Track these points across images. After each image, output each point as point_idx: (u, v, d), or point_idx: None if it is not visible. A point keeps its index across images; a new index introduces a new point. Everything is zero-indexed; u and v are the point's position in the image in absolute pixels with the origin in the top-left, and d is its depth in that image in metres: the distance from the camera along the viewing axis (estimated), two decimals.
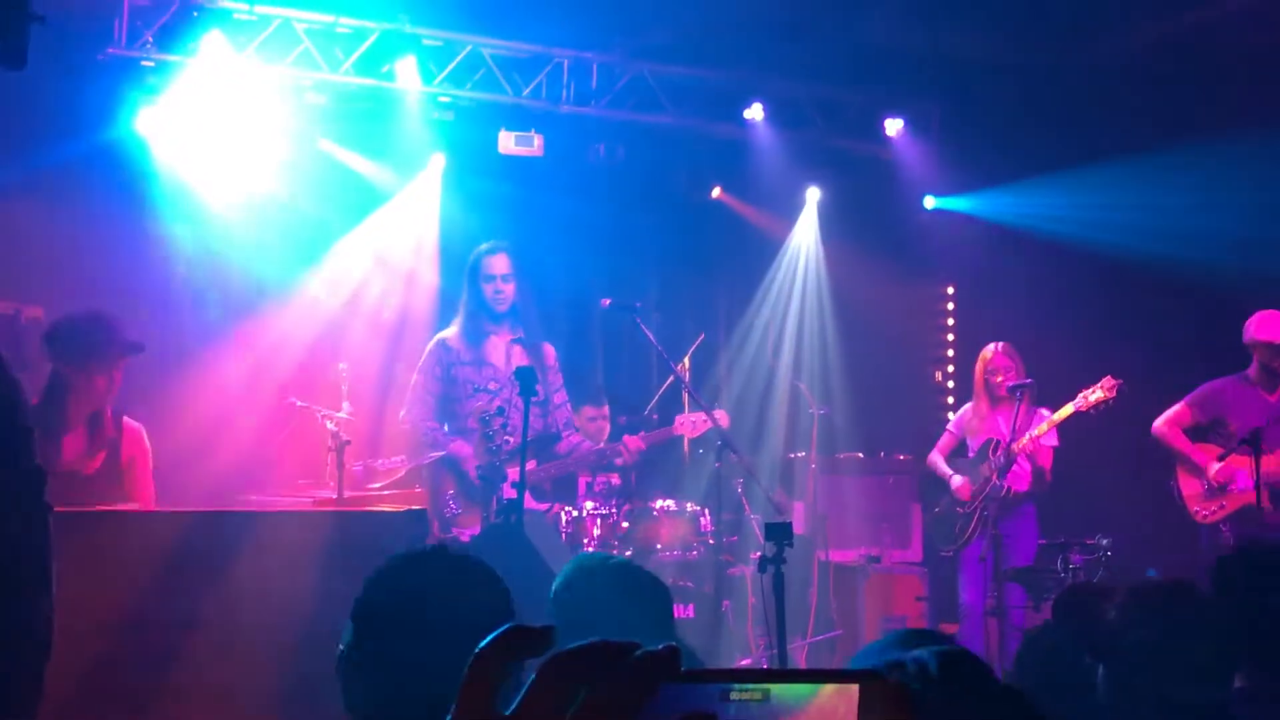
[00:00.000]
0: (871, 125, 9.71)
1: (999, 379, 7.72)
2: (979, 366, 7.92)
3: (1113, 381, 7.33)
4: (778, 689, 0.92)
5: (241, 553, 4.33)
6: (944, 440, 8.16)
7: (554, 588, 3.22)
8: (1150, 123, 8.62)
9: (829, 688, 0.92)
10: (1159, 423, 7.42)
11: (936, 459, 8.10)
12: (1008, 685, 1.26)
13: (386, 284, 9.08)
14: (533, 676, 0.85)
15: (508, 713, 0.84)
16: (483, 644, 0.86)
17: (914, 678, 1.18)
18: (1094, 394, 7.34)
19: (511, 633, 0.87)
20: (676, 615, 4.56)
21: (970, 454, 7.94)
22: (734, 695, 0.90)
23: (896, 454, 9.22)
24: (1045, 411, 7.66)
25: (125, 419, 5.43)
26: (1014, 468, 7.50)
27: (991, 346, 7.87)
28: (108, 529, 4.34)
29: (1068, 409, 7.42)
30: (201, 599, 4.18)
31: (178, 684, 3.99)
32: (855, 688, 0.92)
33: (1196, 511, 7.24)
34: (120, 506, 5.15)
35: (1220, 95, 8.41)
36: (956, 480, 7.82)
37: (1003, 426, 7.56)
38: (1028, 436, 7.47)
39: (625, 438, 7.16)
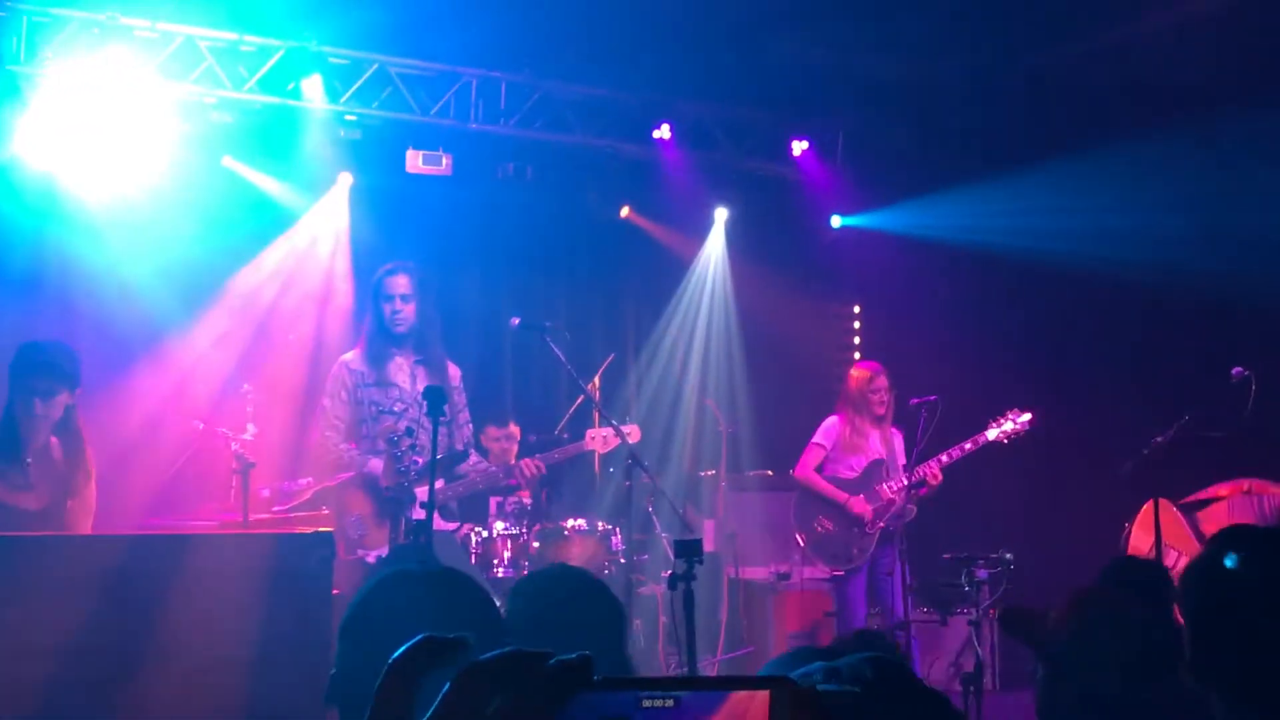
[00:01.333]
0: (778, 146, 9.82)
1: (879, 397, 7.82)
2: (858, 384, 7.97)
3: (1023, 414, 7.50)
4: (690, 695, 0.94)
5: (148, 576, 4.26)
6: (814, 455, 8.10)
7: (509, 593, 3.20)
8: (1056, 136, 8.77)
9: (740, 694, 0.94)
10: None
11: (814, 477, 8.03)
12: (936, 691, 1.29)
13: (294, 304, 8.97)
14: (447, 686, 0.86)
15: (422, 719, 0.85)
16: (395, 655, 0.87)
17: (849, 682, 1.20)
18: (1007, 424, 7.51)
19: (424, 643, 0.88)
20: None
21: (842, 470, 7.95)
22: (646, 703, 0.92)
23: None
24: (897, 431, 7.81)
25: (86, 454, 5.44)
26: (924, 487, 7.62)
27: (869, 365, 8.01)
28: (16, 553, 4.24)
29: (983, 437, 7.56)
30: (107, 622, 4.09)
31: (89, 707, 3.91)
32: (765, 693, 0.94)
33: None
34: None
35: (1125, 109, 8.59)
36: (855, 503, 7.83)
37: (880, 446, 7.69)
38: (945, 459, 7.59)
39: (522, 461, 7.16)
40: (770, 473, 9.30)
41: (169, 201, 8.19)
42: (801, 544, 8.06)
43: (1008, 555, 6.90)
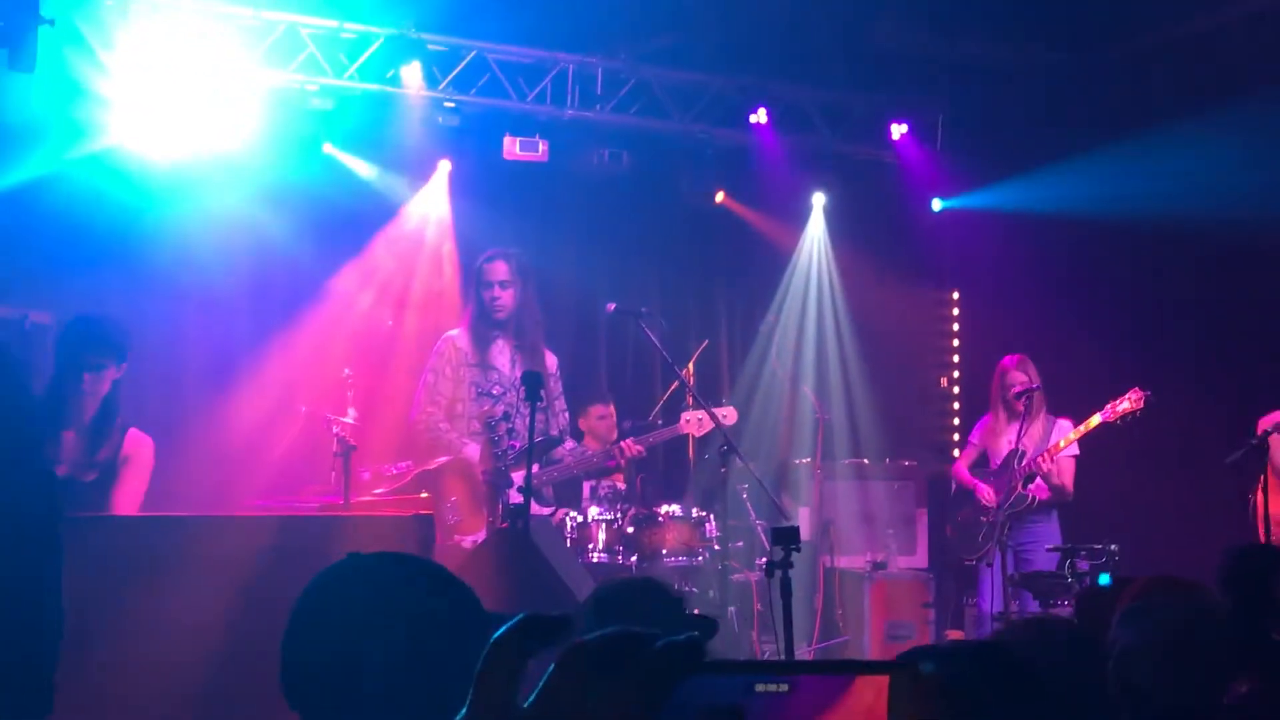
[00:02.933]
0: (876, 129, 9.70)
1: (1011, 392, 7.74)
2: (995, 378, 7.96)
3: (1140, 393, 7.32)
4: (806, 680, 0.91)
5: (247, 558, 4.32)
6: (966, 452, 8.27)
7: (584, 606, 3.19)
8: (1166, 105, 8.42)
9: (859, 679, 0.91)
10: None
11: (960, 470, 8.14)
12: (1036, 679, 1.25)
13: (395, 289, 9.06)
14: (552, 667, 0.84)
15: (526, 704, 0.83)
16: (498, 633, 0.85)
17: (948, 665, 1.16)
18: (1122, 405, 7.34)
19: (528, 621, 0.86)
20: None
21: (992, 465, 7.93)
22: (760, 688, 0.89)
23: (901, 460, 9.21)
24: (1065, 421, 7.68)
25: (132, 429, 5.38)
26: (1037, 477, 7.55)
27: (1006, 360, 7.90)
28: (110, 534, 4.33)
29: (1094, 420, 7.41)
30: (206, 605, 4.17)
31: (181, 690, 3.98)
32: (884, 678, 0.91)
33: None
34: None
35: (1234, 90, 8.29)
36: (982, 489, 7.80)
37: (1023, 439, 7.59)
38: (1066, 440, 7.48)
39: (622, 442, 7.16)
40: (866, 461, 9.21)
41: (270, 189, 8.31)
42: (949, 535, 8.23)
43: (1112, 546, 6.75)
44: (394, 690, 1.69)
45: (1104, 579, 7.11)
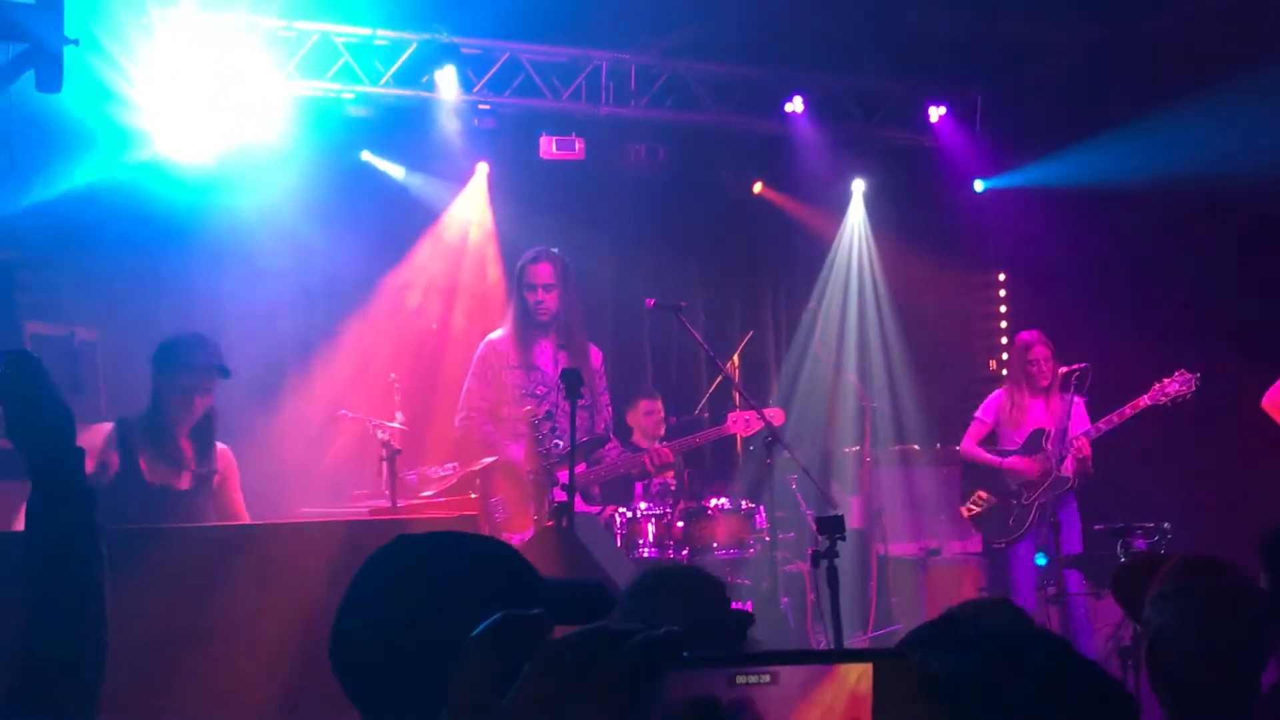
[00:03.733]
0: (914, 113, 9.63)
1: (1036, 368, 7.64)
2: (1015, 354, 7.86)
3: (1189, 375, 7.21)
4: (788, 671, 0.90)
5: (294, 564, 4.36)
6: (975, 429, 8.01)
7: (623, 594, 3.16)
8: (1208, 84, 8.21)
9: (842, 667, 0.90)
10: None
11: (975, 449, 7.96)
12: (1063, 661, 1.22)
13: (439, 293, 9.10)
14: (528, 667, 0.83)
15: (504, 701, 0.83)
16: (475, 633, 0.85)
17: (967, 653, 1.14)
18: (1170, 387, 7.23)
19: (504, 621, 0.85)
20: None
21: (1006, 444, 7.82)
22: (740, 679, 0.89)
23: (952, 445, 9.12)
24: (1079, 399, 7.58)
25: (218, 443, 5.57)
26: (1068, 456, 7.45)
27: (1027, 335, 7.81)
28: (163, 544, 4.38)
29: (1144, 400, 7.31)
30: (255, 611, 4.21)
31: (234, 694, 4.03)
32: (869, 666, 0.90)
33: None
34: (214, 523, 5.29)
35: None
36: (1021, 464, 7.67)
37: (1045, 417, 7.48)
38: (1108, 422, 7.38)
39: (653, 447, 7.18)
40: (916, 447, 9.15)
41: (311, 198, 8.37)
42: (965, 517, 7.99)
43: (1165, 525, 6.66)
44: (444, 665, 1.66)
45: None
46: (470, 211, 9.20)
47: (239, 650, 4.22)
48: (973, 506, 7.90)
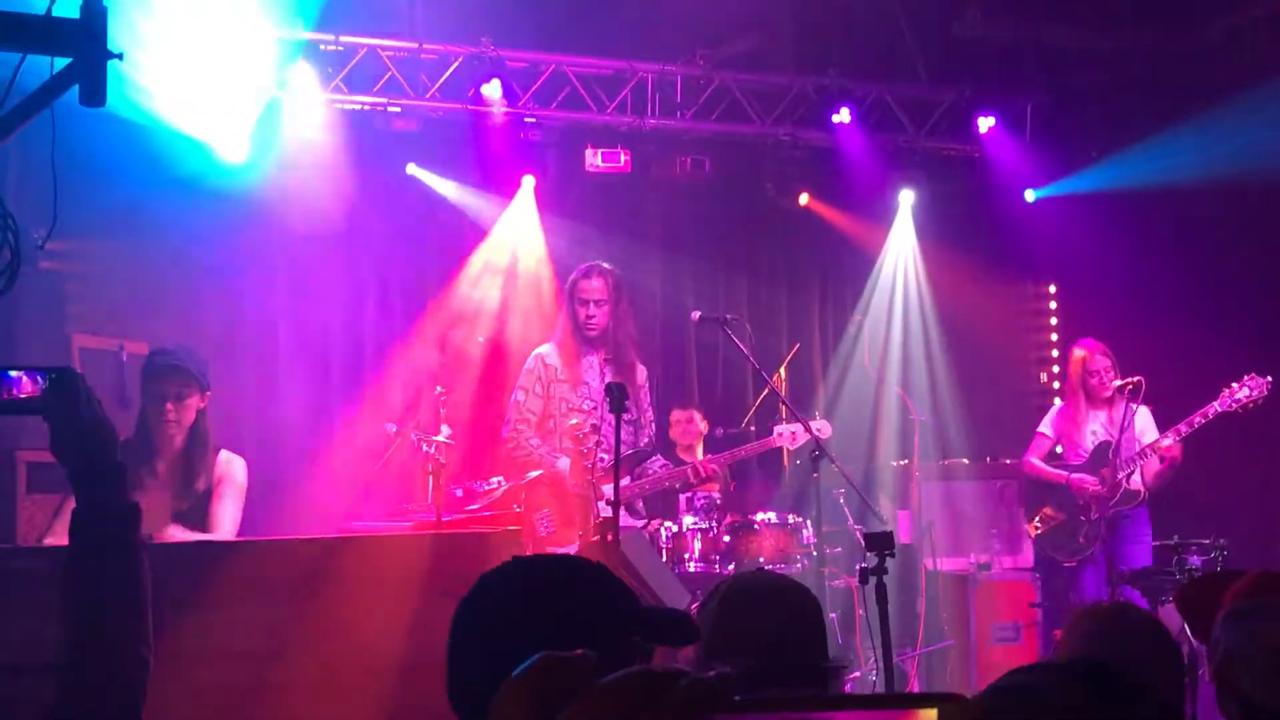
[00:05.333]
0: (962, 124, 9.54)
1: (1098, 379, 7.52)
2: (1076, 367, 7.71)
3: (1260, 380, 7.07)
4: (845, 717, 0.86)
5: (339, 578, 4.34)
6: (1039, 444, 7.90)
7: (709, 603, 3.10)
8: (1265, 82, 8.04)
9: (905, 714, 0.86)
10: None
11: (1039, 464, 7.84)
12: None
13: (487, 306, 9.09)
14: (568, 708, 0.80)
15: None
16: (515, 673, 0.81)
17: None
18: (1241, 392, 7.10)
19: (545, 662, 0.82)
20: None
21: (1070, 458, 7.70)
22: None
23: (1002, 458, 9.01)
24: (1145, 408, 7.46)
25: (222, 451, 5.44)
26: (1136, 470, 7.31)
27: (1087, 345, 7.67)
28: (206, 559, 4.37)
29: (1214, 407, 7.16)
30: (301, 627, 4.19)
31: (275, 713, 4.01)
32: (932, 712, 0.86)
33: None
34: (198, 536, 5.14)
35: None
36: (1087, 482, 7.52)
37: (1110, 429, 7.35)
38: (1179, 434, 7.22)
39: (695, 461, 7.14)
40: (966, 461, 9.05)
41: (358, 210, 8.40)
42: (1031, 535, 7.87)
43: (1221, 541, 6.53)
44: None
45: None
46: (516, 224, 9.18)
47: (280, 668, 4.18)
48: (1039, 524, 7.76)
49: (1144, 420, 7.54)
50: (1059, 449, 7.87)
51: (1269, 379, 7.07)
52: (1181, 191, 8.58)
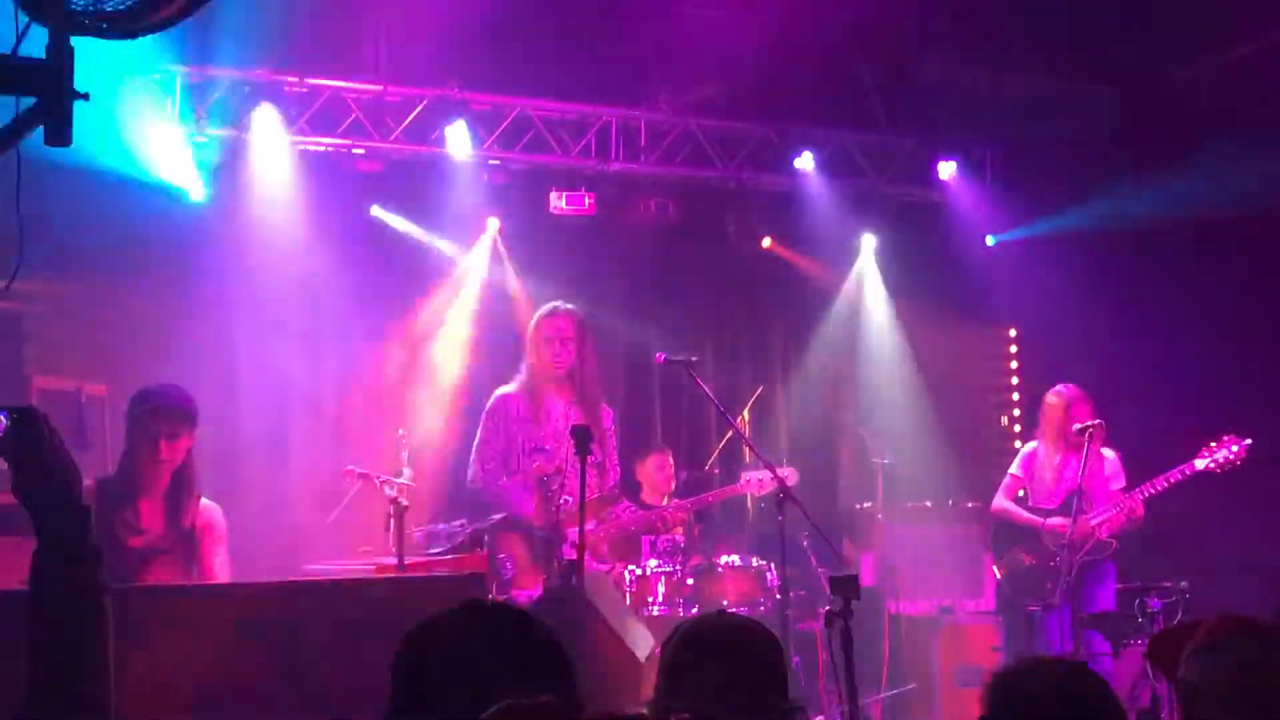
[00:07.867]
0: (923, 169, 9.63)
1: (1078, 425, 7.40)
2: (1058, 411, 7.58)
3: (1240, 444, 7.06)
4: None
5: (301, 622, 4.29)
6: (1010, 484, 7.81)
7: (668, 645, 3.07)
8: (1222, 133, 8.20)
9: None
10: None
11: (1010, 506, 7.74)
12: None
13: (448, 347, 9.07)
14: None
15: None
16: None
17: None
18: (1220, 453, 7.08)
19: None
20: None
21: (1038, 502, 7.67)
22: None
23: (964, 502, 9.04)
24: (1110, 453, 7.47)
25: (202, 498, 5.38)
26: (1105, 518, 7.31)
27: (1068, 389, 7.59)
28: (165, 602, 4.32)
29: (1199, 464, 7.12)
30: (261, 671, 4.14)
31: None
32: None
33: None
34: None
35: None
36: (1059, 527, 7.33)
37: (1078, 473, 7.29)
38: (1155, 488, 7.23)
39: (661, 508, 7.14)
40: (929, 504, 9.06)
41: (320, 251, 8.38)
42: (998, 577, 7.81)
43: (1183, 584, 6.56)
44: None
45: None
46: (480, 266, 9.19)
47: (240, 714, 4.13)
48: (1006, 567, 7.68)
49: (1112, 467, 7.54)
50: (1022, 492, 7.84)
51: (1248, 441, 7.07)
52: (1141, 235, 8.69)
